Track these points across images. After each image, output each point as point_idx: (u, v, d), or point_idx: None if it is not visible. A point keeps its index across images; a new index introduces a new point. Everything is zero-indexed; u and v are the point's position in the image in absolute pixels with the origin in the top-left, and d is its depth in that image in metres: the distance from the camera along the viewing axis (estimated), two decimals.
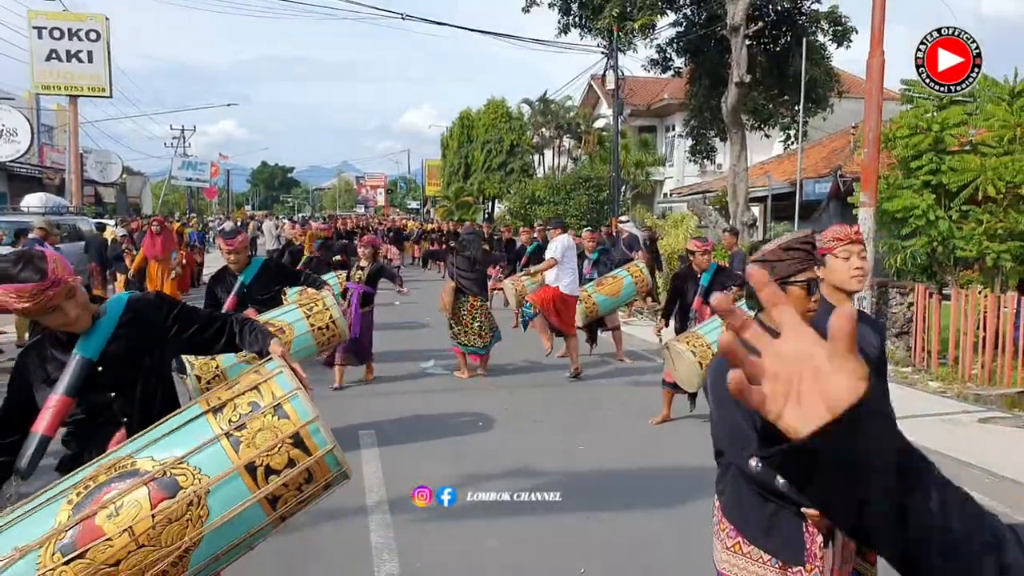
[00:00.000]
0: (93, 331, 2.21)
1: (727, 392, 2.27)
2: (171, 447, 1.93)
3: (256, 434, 1.94)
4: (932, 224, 9.06)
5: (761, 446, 0.77)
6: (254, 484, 1.91)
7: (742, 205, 15.21)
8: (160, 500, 1.84)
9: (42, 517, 1.83)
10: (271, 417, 1.96)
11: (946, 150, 9.23)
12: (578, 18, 16.83)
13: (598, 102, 32.44)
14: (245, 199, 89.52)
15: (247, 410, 1.97)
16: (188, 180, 39.73)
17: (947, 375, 8.25)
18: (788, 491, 2.15)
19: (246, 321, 2.47)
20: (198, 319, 2.44)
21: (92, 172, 23.92)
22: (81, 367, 2.17)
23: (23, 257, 2.07)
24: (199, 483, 1.87)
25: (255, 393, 2.01)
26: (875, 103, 7.82)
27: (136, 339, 2.29)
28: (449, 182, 39.09)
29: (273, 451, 1.93)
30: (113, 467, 1.91)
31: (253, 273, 5.38)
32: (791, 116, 17.35)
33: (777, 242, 2.34)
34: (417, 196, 60.77)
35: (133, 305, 2.34)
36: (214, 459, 1.91)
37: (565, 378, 8.17)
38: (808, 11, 16.15)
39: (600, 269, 9.47)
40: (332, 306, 5.30)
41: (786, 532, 2.18)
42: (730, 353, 0.71)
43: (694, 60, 17.12)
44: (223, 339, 2.44)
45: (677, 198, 25.50)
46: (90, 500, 1.83)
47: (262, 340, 2.37)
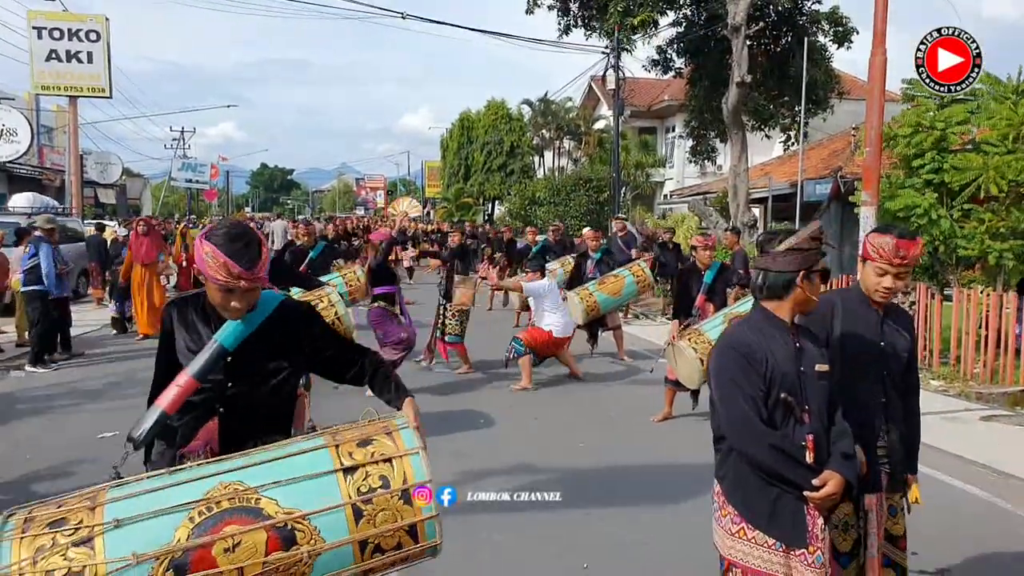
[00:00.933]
0: (240, 323, 2.21)
1: (730, 379, 2.18)
2: (297, 497, 1.94)
3: (379, 512, 1.96)
4: (934, 223, 9.03)
5: None
6: (360, 557, 1.96)
7: (743, 206, 15.21)
8: (275, 549, 1.88)
9: (161, 525, 1.86)
10: (397, 500, 1.99)
11: (948, 149, 9.21)
12: (581, 18, 16.83)
13: (598, 103, 32.45)
14: (245, 201, 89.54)
15: (377, 484, 1.98)
16: (188, 182, 39.63)
17: (949, 374, 8.23)
18: (795, 476, 2.20)
19: (381, 364, 2.42)
20: (336, 346, 2.43)
21: (92, 173, 23.89)
22: (217, 354, 2.20)
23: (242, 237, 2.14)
24: (314, 544, 1.91)
25: (388, 468, 2.02)
26: (877, 101, 7.79)
27: (274, 341, 2.27)
28: (449, 183, 39.10)
29: (388, 534, 1.98)
30: (236, 496, 1.91)
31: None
32: (792, 117, 17.36)
33: (801, 234, 2.36)
34: (417, 197, 60.74)
35: (284, 308, 2.33)
36: (334, 525, 1.94)
37: (565, 377, 8.16)
38: (809, 11, 16.17)
39: (602, 268, 9.45)
40: (337, 303, 5.29)
41: (789, 516, 2.23)
42: None
43: (694, 60, 17.13)
44: (352, 372, 2.42)
45: (677, 199, 25.51)
46: (211, 526, 1.86)
47: (395, 393, 2.32)
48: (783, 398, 2.23)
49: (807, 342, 2.36)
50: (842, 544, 2.57)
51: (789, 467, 2.20)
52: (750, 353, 2.25)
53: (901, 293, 9.53)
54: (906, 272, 2.54)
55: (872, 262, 2.56)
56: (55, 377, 8.30)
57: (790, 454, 2.20)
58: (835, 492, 2.20)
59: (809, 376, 2.28)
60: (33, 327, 8.79)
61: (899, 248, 2.48)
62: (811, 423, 2.26)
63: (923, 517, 3.03)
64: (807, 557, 2.22)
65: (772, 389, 2.24)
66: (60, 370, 8.63)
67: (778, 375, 2.24)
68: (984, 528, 4.37)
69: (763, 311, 2.37)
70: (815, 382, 2.29)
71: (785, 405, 2.24)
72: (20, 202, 14.41)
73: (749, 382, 2.23)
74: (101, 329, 11.43)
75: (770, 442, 2.20)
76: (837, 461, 2.25)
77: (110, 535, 1.82)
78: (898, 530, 2.64)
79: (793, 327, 2.35)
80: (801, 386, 2.27)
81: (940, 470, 5.29)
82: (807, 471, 2.21)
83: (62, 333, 9.34)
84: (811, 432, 2.24)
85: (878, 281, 2.55)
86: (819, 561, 2.22)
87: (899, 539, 2.64)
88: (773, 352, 2.26)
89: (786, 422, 2.26)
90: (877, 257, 2.52)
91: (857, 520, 2.59)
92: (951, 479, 5.17)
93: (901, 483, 2.67)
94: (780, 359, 2.26)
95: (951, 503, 4.68)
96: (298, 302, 2.45)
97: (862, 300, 2.66)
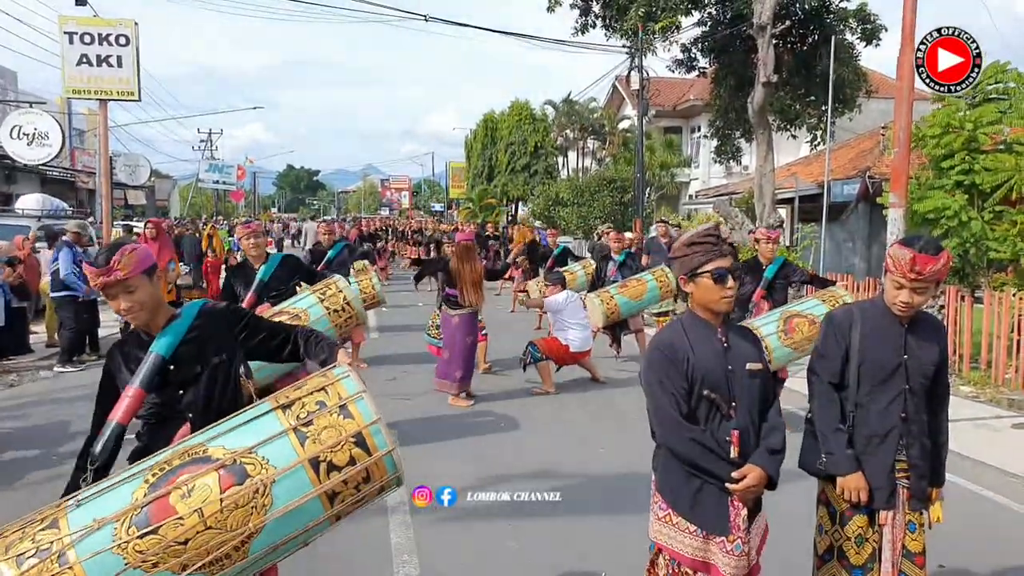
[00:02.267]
0: (167, 332, 2.39)
1: (655, 377, 2.32)
2: (241, 438, 2.03)
3: (322, 431, 2.03)
4: (964, 225, 8.84)
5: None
6: (317, 478, 2.00)
7: (769, 206, 15.00)
8: (229, 485, 1.94)
9: (120, 494, 1.96)
10: (337, 416, 2.06)
11: (979, 149, 9.01)
12: (602, 18, 16.73)
13: (623, 103, 32.28)
14: (271, 202, 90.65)
15: (314, 408, 2.07)
16: (215, 183, 40.23)
17: (979, 379, 8.05)
18: (714, 468, 2.33)
19: (311, 333, 2.62)
20: (264, 329, 2.62)
21: (121, 175, 24.28)
22: (155, 363, 2.35)
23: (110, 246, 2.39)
24: (266, 473, 1.97)
25: (322, 393, 2.11)
26: (906, 101, 7.65)
27: (206, 343, 2.44)
28: (473, 184, 39.16)
29: (337, 448, 2.02)
30: (186, 452, 2.02)
31: (272, 269, 5.35)
32: (818, 116, 17.08)
33: (683, 238, 2.50)
34: (441, 198, 60.96)
35: (204, 312, 2.50)
36: (281, 451, 2.00)
37: (587, 380, 8.12)
38: (836, 9, 15.89)
39: (624, 272, 9.37)
40: (345, 288, 5.25)
41: (710, 505, 2.36)
42: None
43: (719, 60, 16.93)
44: (287, 349, 2.62)
45: (703, 200, 25.27)
46: (165, 481, 1.95)
47: (328, 350, 2.50)
48: (706, 395, 2.36)
49: (739, 341, 2.46)
50: (855, 557, 2.58)
51: (709, 459, 2.33)
52: (672, 353, 2.39)
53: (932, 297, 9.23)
54: (925, 287, 2.48)
55: (890, 274, 2.53)
56: (83, 378, 8.46)
57: (709, 447, 2.33)
58: (754, 484, 2.31)
59: (738, 374, 2.39)
60: (62, 328, 8.97)
61: (915, 263, 2.43)
62: (738, 419, 2.37)
63: (950, 527, 2.95)
64: (726, 544, 2.35)
65: (694, 386, 2.36)
66: (88, 370, 8.79)
67: (699, 373, 2.36)
68: (1015, 539, 4.25)
69: (690, 311, 2.50)
70: (745, 380, 2.40)
71: (708, 401, 2.36)
72: (29, 204, 14.35)
73: (671, 380, 2.37)
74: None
75: (690, 436, 2.34)
76: (761, 455, 2.36)
77: (73, 513, 1.92)
78: (916, 546, 2.59)
79: (721, 327, 2.45)
80: (728, 383, 2.37)
81: (969, 479, 5.17)
82: (727, 463, 2.33)
83: (91, 334, 9.51)
84: (737, 427, 2.35)
85: (895, 295, 2.53)
86: (738, 549, 2.34)
87: (916, 555, 2.59)
88: (696, 351, 2.38)
89: (712, 417, 2.37)
90: (894, 270, 2.50)
91: (871, 534, 2.58)
92: (981, 488, 5.04)
93: (923, 500, 2.63)
94: (703, 357, 2.37)
95: (980, 512, 4.57)
96: (216, 303, 2.63)
97: (885, 313, 2.62)
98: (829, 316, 2.78)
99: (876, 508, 2.55)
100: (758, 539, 2.45)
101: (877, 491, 2.54)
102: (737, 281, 2.42)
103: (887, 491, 2.55)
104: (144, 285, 2.34)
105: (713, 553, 2.36)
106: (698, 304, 2.44)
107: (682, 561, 2.40)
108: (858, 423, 2.59)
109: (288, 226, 46.30)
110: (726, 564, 2.34)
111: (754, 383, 2.41)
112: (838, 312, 2.77)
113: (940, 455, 2.69)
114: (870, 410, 2.58)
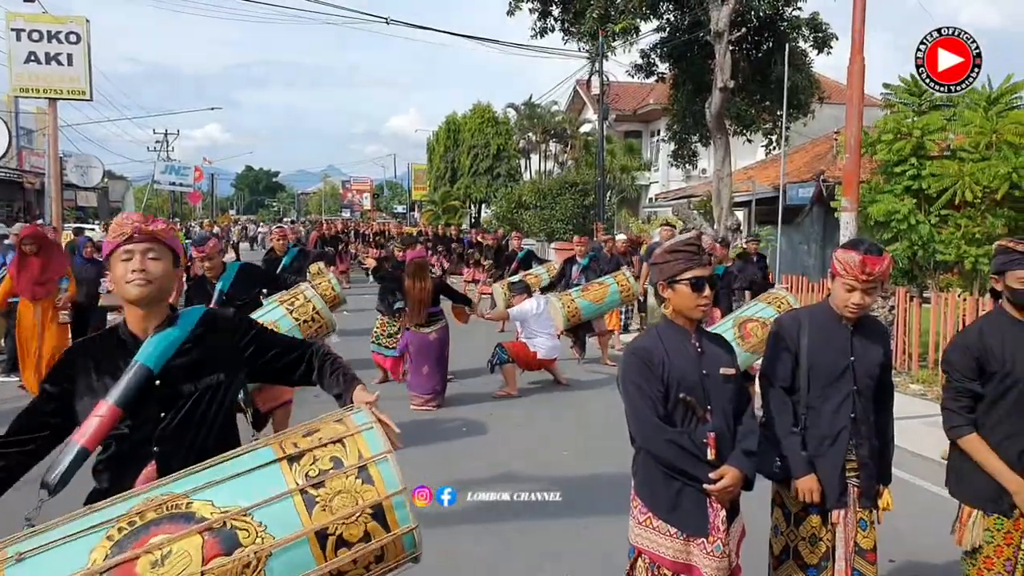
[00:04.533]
0: (158, 338, 1.99)
1: (633, 382, 2.33)
2: (235, 494, 1.66)
3: (335, 496, 1.69)
4: (913, 228, 9.15)
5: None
6: (322, 554, 1.65)
7: (726, 210, 15.28)
8: (214, 556, 1.58)
9: (74, 551, 1.56)
10: (354, 480, 1.72)
11: (927, 155, 9.33)
12: (560, 22, 16.87)
13: (584, 107, 32.54)
14: (230, 203, 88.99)
15: (328, 466, 1.72)
16: (171, 185, 39.36)
17: (928, 377, 8.31)
18: (692, 469, 2.36)
19: (327, 357, 2.23)
20: (276, 345, 2.21)
21: (72, 176, 23.60)
22: (139, 376, 1.92)
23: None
24: (262, 543, 1.61)
25: (339, 447, 1.76)
26: (856, 108, 7.87)
27: (204, 357, 2.04)
28: (436, 186, 39.05)
29: (350, 520, 1.68)
30: (164, 505, 1.63)
31: (231, 279, 5.26)
32: (773, 122, 17.48)
33: (665, 245, 2.54)
34: (403, 200, 60.62)
35: (207, 320, 2.11)
36: (283, 517, 1.65)
37: (550, 384, 8.17)
38: (790, 17, 16.28)
39: (588, 276, 9.44)
40: (313, 298, 5.20)
41: (689, 507, 2.39)
42: None
43: (677, 65, 17.21)
44: (300, 370, 2.22)
45: (662, 203, 25.61)
46: (134, 541, 1.57)
47: (345, 384, 2.12)
48: (682, 398, 2.39)
49: (713, 347, 2.53)
50: (810, 557, 2.65)
51: (687, 461, 2.36)
52: (648, 357, 2.42)
53: (881, 297, 9.57)
54: (874, 287, 2.57)
55: (840, 278, 2.58)
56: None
57: (687, 449, 2.36)
58: (731, 485, 2.35)
59: (713, 378, 2.44)
60: (7, 336, 8.66)
61: (865, 264, 2.50)
62: (714, 421, 2.41)
63: (898, 522, 3.06)
64: (706, 546, 2.37)
65: (670, 390, 2.40)
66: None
67: (675, 377, 2.40)
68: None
69: (666, 318, 2.55)
70: (719, 384, 2.45)
71: (685, 404, 2.40)
72: None
73: (648, 384, 2.40)
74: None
75: (667, 438, 2.37)
76: (737, 457, 2.41)
77: (10, 570, 1.54)
78: (868, 543, 2.67)
79: (695, 333, 2.50)
80: (703, 387, 2.42)
81: (918, 475, 5.33)
82: (704, 465, 2.36)
83: None
84: (713, 430, 2.39)
85: (847, 297, 2.58)
86: (719, 550, 2.37)
87: (868, 552, 2.67)
88: (671, 356, 2.42)
89: (688, 420, 2.41)
90: (844, 273, 2.55)
91: (824, 533, 2.64)
92: (929, 484, 5.20)
93: (872, 498, 2.71)
94: (679, 362, 2.42)
95: (928, 507, 4.72)
96: (225, 310, 2.31)
97: (831, 316, 2.69)
98: (777, 322, 2.85)
99: (828, 508, 2.62)
100: (736, 541, 2.48)
101: (829, 491, 2.60)
102: (714, 290, 2.46)
103: (839, 490, 2.61)
104: (167, 261, 2.01)
105: (694, 555, 2.39)
106: (675, 310, 2.48)
107: (663, 564, 2.41)
108: (810, 425, 2.66)
109: (247, 229, 45.48)
110: (707, 566, 2.36)
111: (728, 387, 2.46)
112: (785, 318, 2.85)
113: (887, 453, 2.77)
114: (821, 412, 2.64)
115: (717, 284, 2.74)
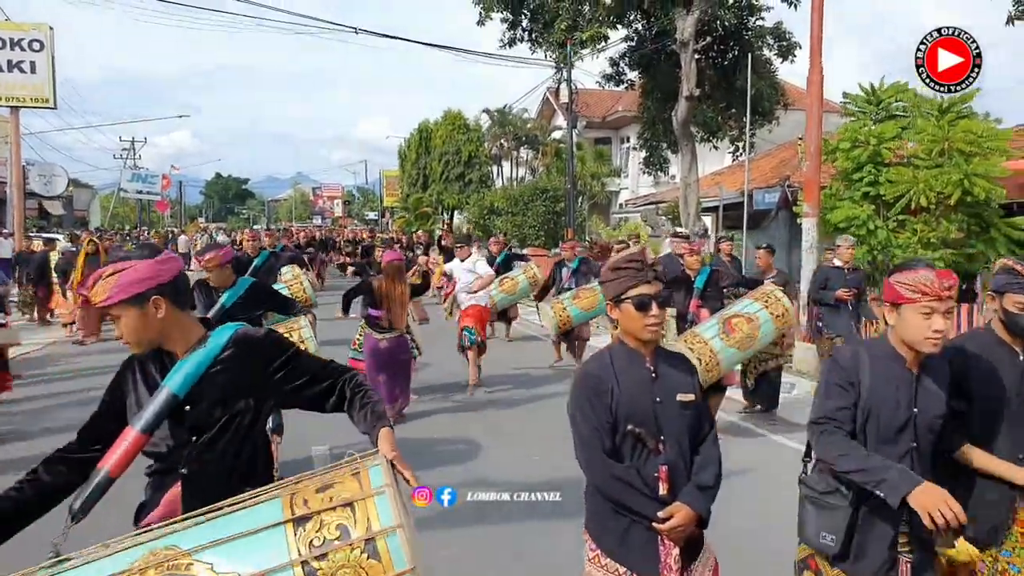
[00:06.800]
0: (187, 361, 1.95)
1: (579, 412, 2.24)
2: (235, 558, 1.61)
3: (337, 570, 1.60)
4: (872, 233, 9.41)
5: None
6: None
7: (693, 215, 15.55)
8: None
9: None
10: (359, 554, 1.62)
11: (883, 162, 9.62)
12: (528, 32, 17.07)
13: (554, 114, 32.78)
14: (199, 211, 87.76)
15: (334, 535, 1.63)
16: (139, 193, 38.83)
17: None
18: (639, 507, 2.18)
19: (360, 388, 2.12)
20: (310, 371, 2.11)
21: (35, 185, 23.19)
22: (165, 403, 1.91)
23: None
24: None
25: (347, 513, 1.66)
26: (815, 118, 8.12)
27: (233, 381, 1.98)
28: (407, 193, 39.00)
29: None
30: (165, 564, 1.59)
31: (236, 296, 4.93)
32: (739, 128, 17.82)
33: (609, 262, 2.42)
34: (375, 207, 60.39)
35: (239, 340, 2.03)
36: None
37: (521, 386, 8.25)
38: (754, 27, 16.64)
39: (579, 279, 9.52)
40: (308, 339, 5.03)
41: (636, 545, 2.21)
42: None
43: (646, 74, 17.49)
44: (332, 400, 2.13)
45: (632, 208, 25.90)
46: None
47: (373, 422, 2.00)
48: (630, 430, 2.21)
49: (670, 370, 2.31)
50: None
51: (634, 498, 2.18)
52: (597, 385, 2.25)
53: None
54: (952, 309, 2.33)
55: (911, 305, 2.17)
56: None
57: (635, 485, 2.18)
58: (681, 524, 2.15)
59: (667, 405, 2.25)
60: None
61: (943, 278, 2.15)
62: (667, 453, 2.23)
63: None
64: None
65: (619, 422, 2.22)
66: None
67: (624, 407, 2.21)
68: None
69: (619, 339, 2.38)
70: (675, 411, 2.26)
71: (634, 436, 2.21)
72: None
73: (596, 414, 2.22)
74: (44, 349, 11.15)
75: (613, 473, 2.19)
76: (690, 493, 2.21)
77: None
78: None
79: (651, 355, 2.31)
80: (655, 416, 2.23)
81: None
82: (652, 502, 2.18)
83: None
84: (666, 462, 2.22)
85: (926, 325, 2.16)
86: None
87: None
88: (621, 383, 2.24)
89: (638, 453, 2.23)
90: (920, 296, 2.15)
91: None
92: None
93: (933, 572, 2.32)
94: (629, 390, 2.23)
95: None
96: (256, 330, 2.17)
97: (892, 357, 2.28)
98: (834, 359, 2.39)
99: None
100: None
101: (871, 565, 2.24)
102: (663, 309, 2.28)
103: (886, 566, 2.23)
104: (130, 314, 1.90)
105: None
106: (624, 331, 2.31)
107: None
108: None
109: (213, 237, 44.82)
110: None
111: (685, 414, 2.27)
112: (843, 350, 2.42)
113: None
114: None
115: (672, 300, 2.59)
